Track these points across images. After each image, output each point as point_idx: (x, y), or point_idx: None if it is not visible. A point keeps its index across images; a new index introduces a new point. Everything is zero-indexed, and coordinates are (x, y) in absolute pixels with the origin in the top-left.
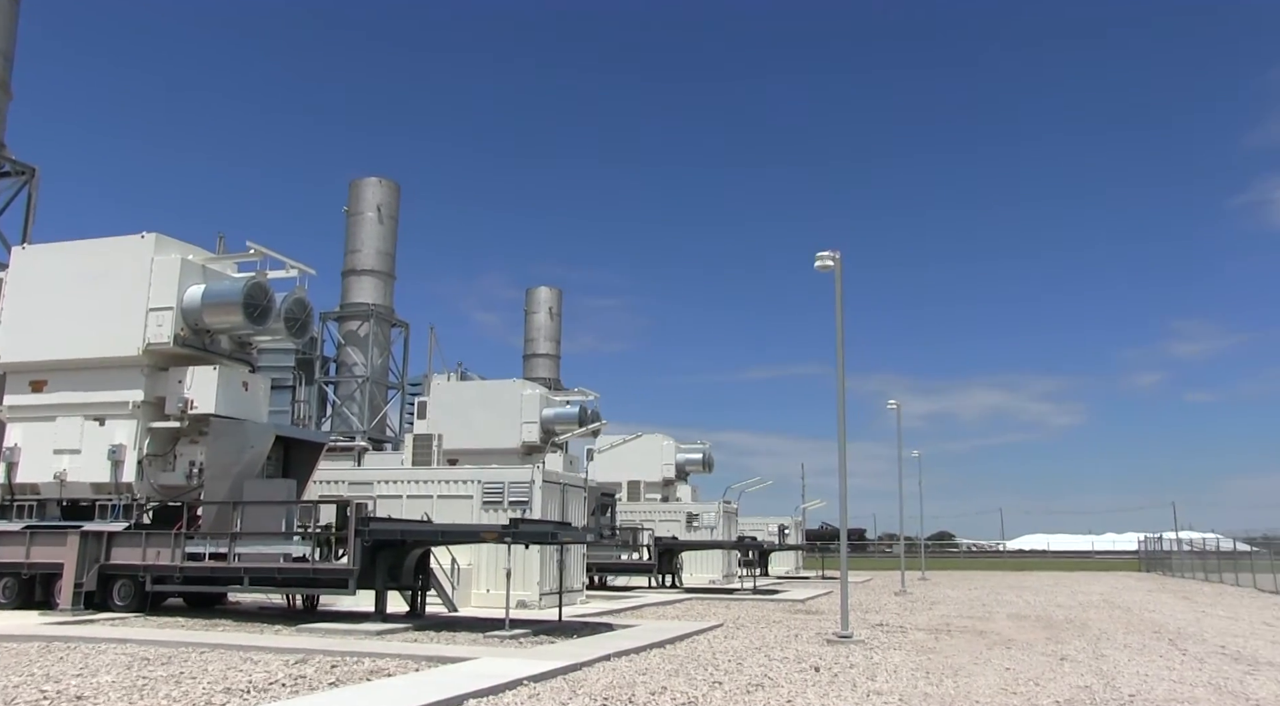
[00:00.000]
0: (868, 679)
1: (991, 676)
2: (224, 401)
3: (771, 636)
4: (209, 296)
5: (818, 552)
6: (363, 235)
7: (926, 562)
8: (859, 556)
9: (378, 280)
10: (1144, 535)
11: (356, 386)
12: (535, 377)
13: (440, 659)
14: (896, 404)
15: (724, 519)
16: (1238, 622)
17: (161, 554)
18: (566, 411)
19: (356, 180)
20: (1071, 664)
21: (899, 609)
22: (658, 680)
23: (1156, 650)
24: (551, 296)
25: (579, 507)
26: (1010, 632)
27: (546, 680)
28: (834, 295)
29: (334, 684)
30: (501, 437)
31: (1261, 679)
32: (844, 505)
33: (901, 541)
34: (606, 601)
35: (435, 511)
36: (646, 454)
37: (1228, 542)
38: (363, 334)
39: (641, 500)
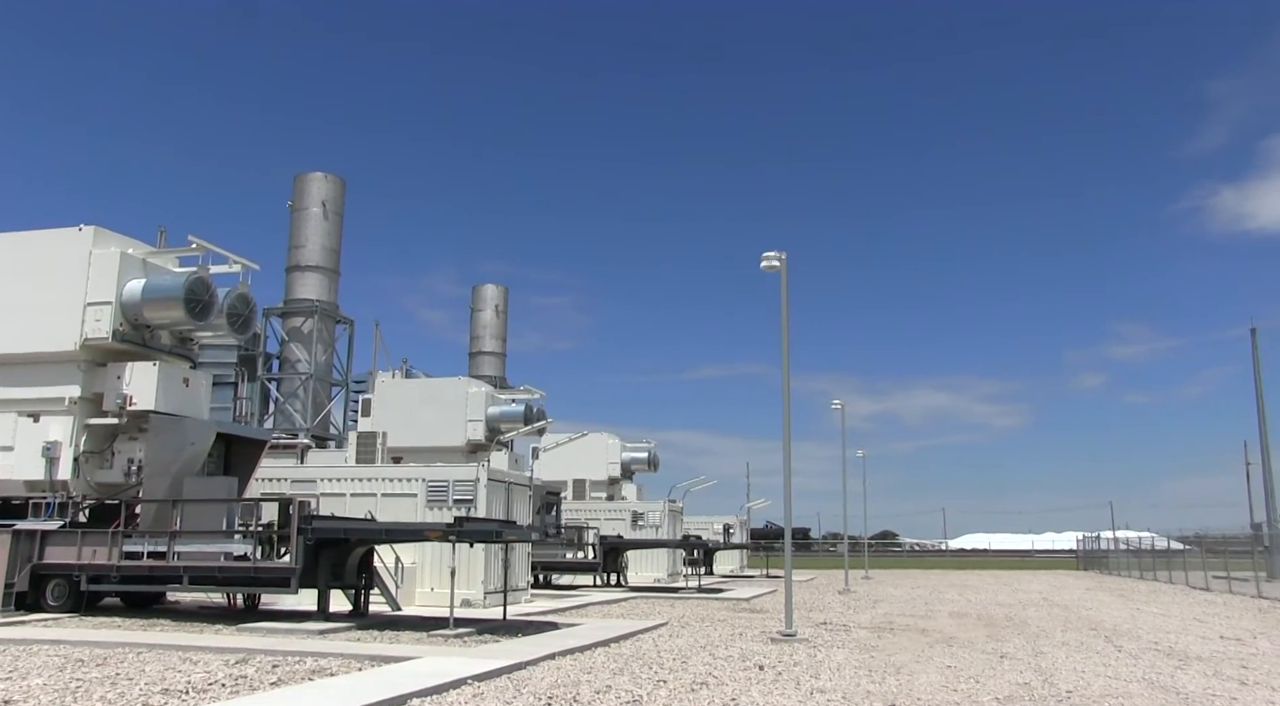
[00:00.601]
0: (811, 677)
1: (933, 674)
2: (164, 398)
3: (716, 635)
4: (149, 291)
5: (762, 551)
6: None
7: (870, 561)
8: (803, 555)
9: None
10: (1082, 534)
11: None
12: (481, 375)
13: (383, 658)
14: (841, 404)
15: (669, 518)
16: (1170, 619)
17: (98, 553)
18: (512, 410)
19: (301, 175)
20: (1011, 661)
21: (842, 607)
22: (602, 679)
23: (1093, 647)
24: (498, 294)
25: (524, 506)
26: (952, 630)
27: (490, 679)
28: (780, 295)
29: (275, 684)
30: (446, 436)
31: (1191, 673)
32: (788, 504)
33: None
34: (551, 600)
35: (379, 509)
36: (592, 452)
37: (1162, 542)
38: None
39: (587, 499)
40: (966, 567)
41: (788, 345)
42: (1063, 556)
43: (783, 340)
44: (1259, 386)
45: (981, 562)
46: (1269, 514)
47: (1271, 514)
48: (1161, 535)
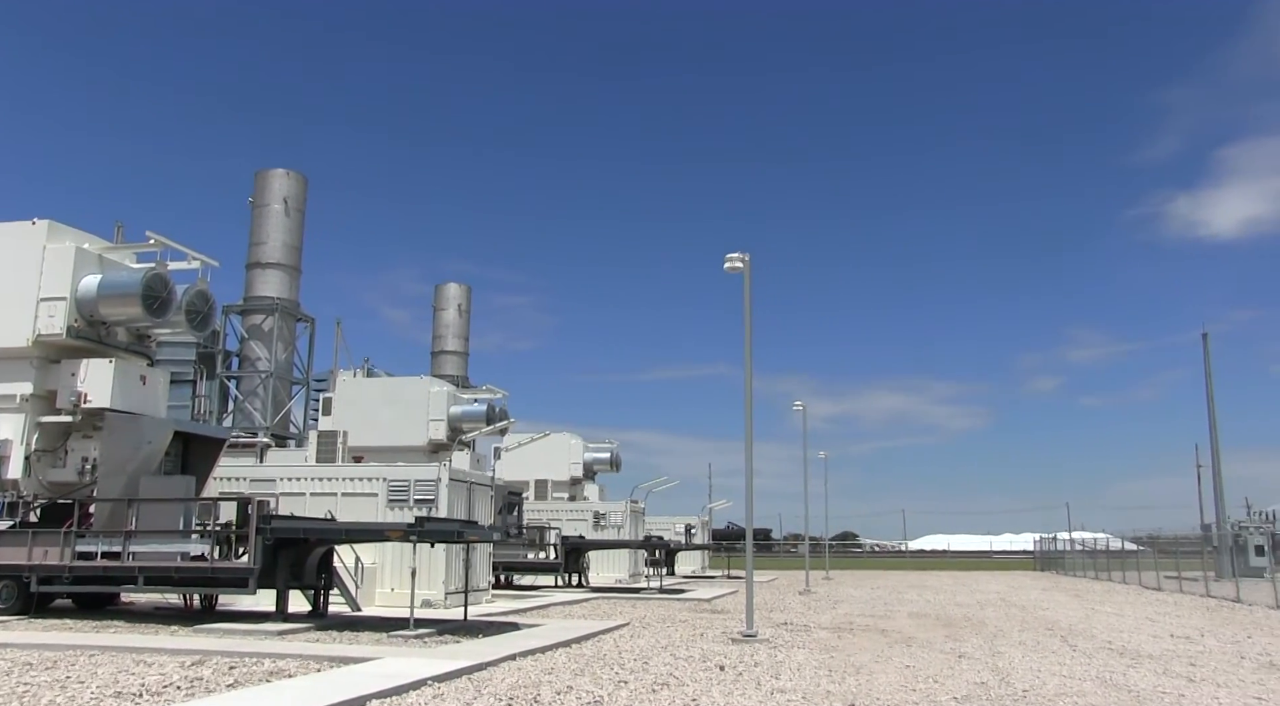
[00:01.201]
0: (772, 677)
1: (892, 674)
2: (120, 395)
3: (677, 635)
4: (105, 287)
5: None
6: (268, 227)
7: (831, 562)
8: (764, 556)
9: (283, 274)
10: (1039, 535)
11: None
12: (443, 375)
13: (342, 659)
14: (802, 405)
15: (631, 518)
16: (1123, 618)
17: (50, 553)
18: (474, 409)
19: (263, 171)
20: (969, 661)
21: (803, 608)
22: (563, 679)
23: (1049, 646)
24: (460, 293)
25: (486, 506)
26: (911, 631)
27: (451, 680)
28: (743, 296)
29: (232, 685)
30: (408, 435)
31: (1143, 671)
32: (750, 505)
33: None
34: (513, 600)
35: (339, 509)
36: (554, 453)
37: (1116, 542)
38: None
39: (549, 499)
40: (926, 568)
41: (750, 346)
42: (1020, 557)
43: (745, 341)
44: (1210, 391)
45: (940, 563)
46: (1218, 515)
47: (1220, 515)
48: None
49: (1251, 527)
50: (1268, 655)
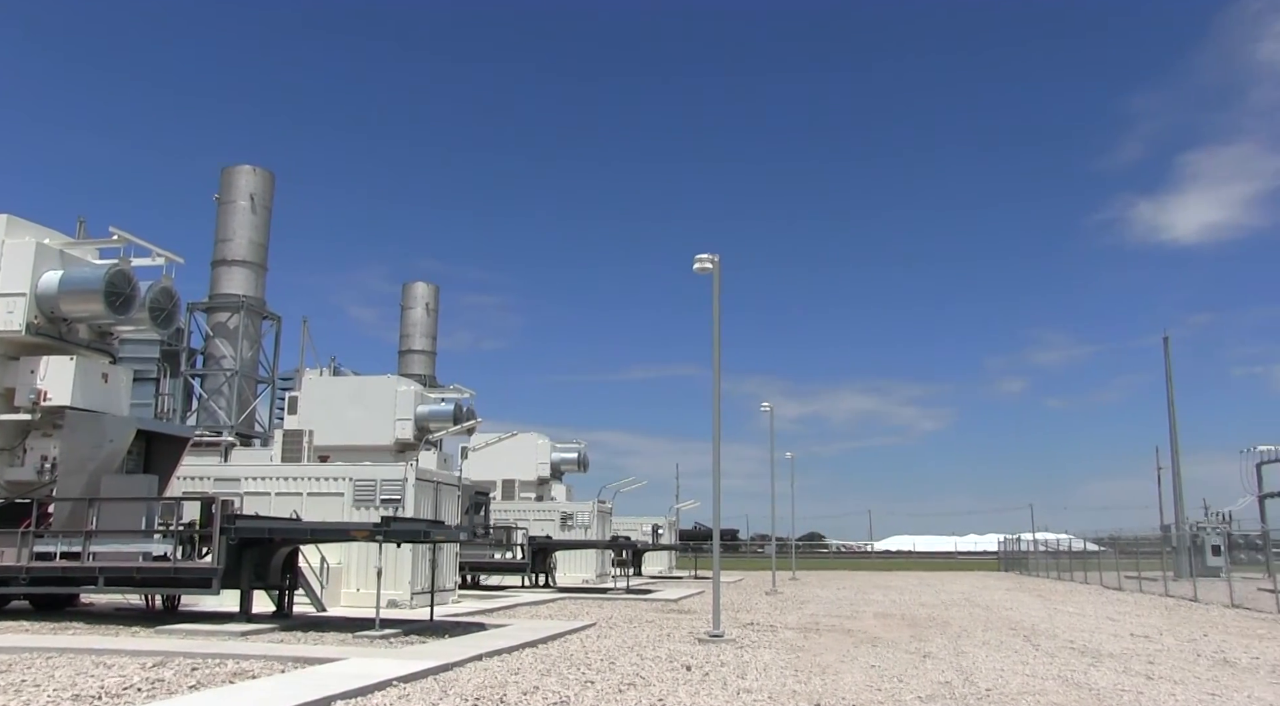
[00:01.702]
0: (738, 677)
1: (858, 673)
2: (81, 393)
3: (644, 636)
4: (67, 283)
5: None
6: (234, 224)
7: (797, 563)
8: (731, 557)
9: (249, 271)
10: (1003, 536)
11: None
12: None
13: (307, 660)
14: (770, 406)
15: (598, 518)
16: (1085, 618)
17: (6, 554)
18: (441, 409)
19: (229, 167)
20: (934, 661)
21: (769, 608)
22: (530, 680)
23: (1012, 646)
24: (429, 292)
25: (453, 506)
26: (876, 631)
27: (416, 680)
28: (712, 297)
29: (194, 687)
30: (374, 434)
31: (1103, 670)
32: (717, 505)
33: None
34: (479, 601)
35: (305, 509)
36: (522, 452)
37: (1079, 543)
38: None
39: (516, 499)
40: (892, 569)
41: (719, 347)
42: (985, 558)
43: (714, 342)
44: (1170, 393)
45: (906, 564)
46: (1177, 516)
47: (1179, 516)
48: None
49: (1209, 528)
50: (1222, 653)
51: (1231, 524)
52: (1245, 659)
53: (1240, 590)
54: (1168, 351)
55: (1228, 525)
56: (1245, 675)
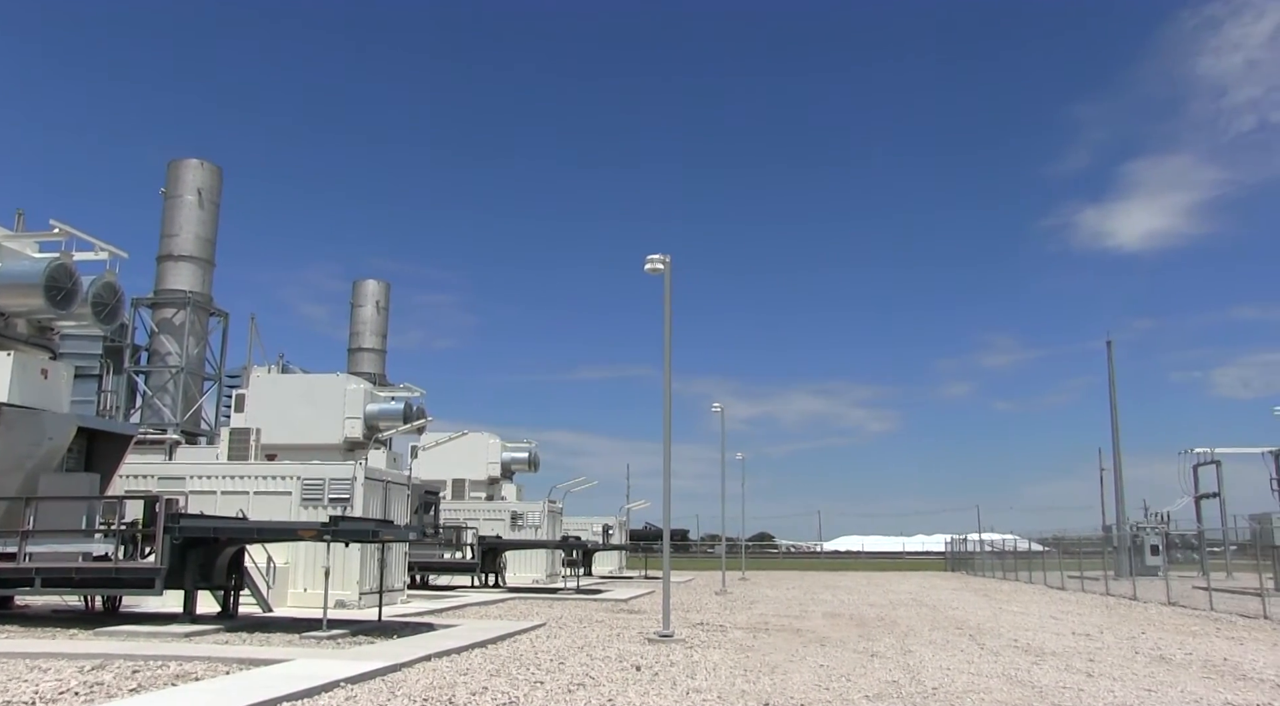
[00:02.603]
0: (688, 677)
1: (806, 673)
2: (19, 389)
3: (594, 636)
4: (5, 277)
5: (641, 552)
6: (181, 219)
7: (747, 563)
8: (681, 557)
9: (196, 266)
10: (950, 536)
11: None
12: (360, 372)
13: (252, 661)
14: (721, 407)
15: (548, 518)
16: (1029, 617)
17: None
18: (391, 407)
19: (175, 161)
20: (881, 660)
21: (719, 608)
22: (479, 680)
23: (958, 645)
24: (379, 290)
25: (402, 505)
26: (825, 630)
27: (364, 681)
28: (663, 298)
29: (135, 690)
30: (323, 433)
31: (1046, 668)
32: (667, 505)
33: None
34: (428, 601)
35: (252, 508)
36: (472, 452)
37: (1024, 543)
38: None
39: (466, 498)
40: (840, 569)
41: (669, 348)
42: (932, 558)
43: (665, 342)
44: (1113, 397)
45: (855, 564)
46: (1118, 517)
47: (1120, 517)
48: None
49: (1148, 528)
50: (1159, 650)
51: (1169, 524)
52: (1180, 655)
53: (1177, 588)
54: (1111, 356)
55: (1166, 525)
56: (1179, 671)
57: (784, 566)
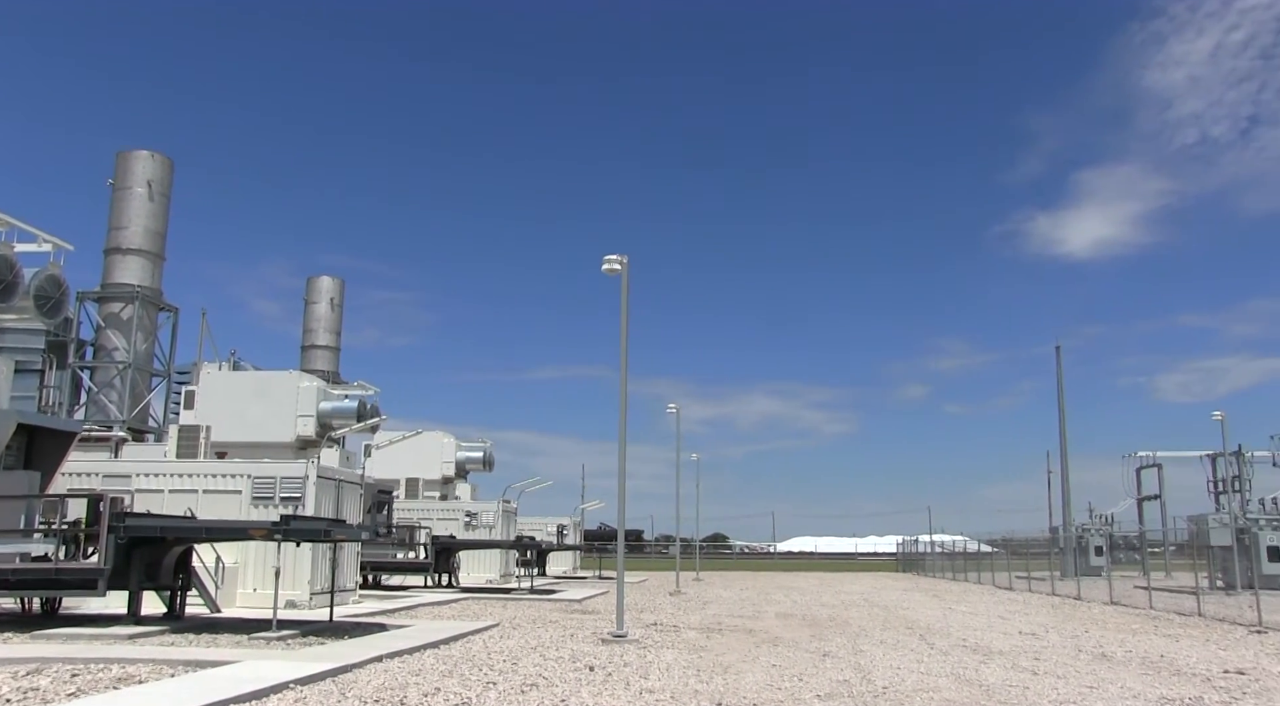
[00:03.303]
0: (641, 677)
1: (759, 673)
2: None
3: (547, 636)
4: None
5: (595, 553)
6: (130, 211)
7: (701, 563)
8: (636, 557)
9: (145, 260)
10: (902, 538)
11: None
12: (313, 370)
13: (199, 663)
14: (677, 408)
15: (503, 518)
16: (978, 617)
17: None
18: (344, 405)
19: (125, 152)
20: (833, 660)
21: (673, 608)
22: (431, 681)
23: (908, 645)
24: (334, 286)
25: (355, 504)
26: (778, 631)
27: (314, 682)
28: (620, 298)
29: (74, 695)
30: (275, 431)
31: (994, 666)
32: (622, 506)
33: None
34: (381, 601)
35: (200, 507)
36: (426, 451)
37: (974, 544)
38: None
39: (420, 498)
40: (794, 569)
41: (626, 347)
42: (884, 558)
43: (621, 343)
44: (1061, 401)
45: (808, 564)
46: (1064, 519)
47: (1066, 519)
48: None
49: (1093, 530)
50: (1101, 648)
51: (1113, 525)
52: (1120, 653)
53: (1119, 588)
54: (1059, 360)
55: (1110, 527)
56: (1120, 668)
57: (738, 567)
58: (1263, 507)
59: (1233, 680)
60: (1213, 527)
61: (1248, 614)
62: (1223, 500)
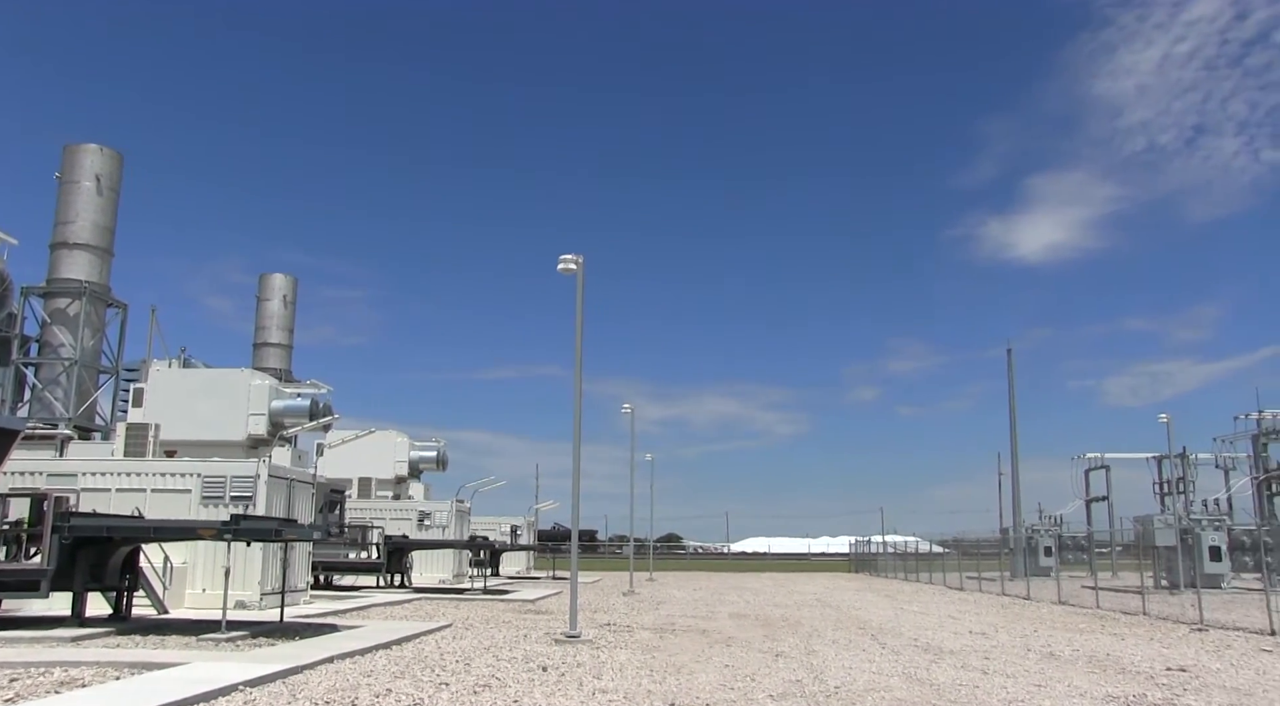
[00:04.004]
0: (594, 677)
1: (712, 673)
2: None
3: (500, 636)
4: None
5: (549, 553)
6: (77, 206)
7: (655, 564)
8: (590, 557)
9: (93, 255)
10: (854, 538)
11: (62, 369)
12: (265, 368)
13: (145, 664)
14: (631, 408)
15: (456, 518)
16: (929, 617)
17: None
18: (297, 404)
19: (73, 146)
20: (785, 659)
21: (627, 609)
22: (382, 682)
23: (860, 645)
24: (286, 284)
25: (307, 504)
26: (731, 631)
27: (264, 684)
28: (575, 298)
29: (12, 700)
30: (225, 429)
31: (944, 666)
32: (576, 506)
33: (631, 543)
34: (332, 601)
35: (149, 506)
36: (379, 450)
37: (925, 545)
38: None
39: (373, 497)
40: (747, 570)
41: (581, 348)
42: (837, 559)
43: (576, 343)
44: (1012, 403)
45: (761, 565)
46: (1015, 519)
47: (1017, 520)
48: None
49: (1042, 530)
50: (1049, 647)
51: (1062, 526)
52: (1068, 651)
53: (1067, 588)
54: (1011, 363)
55: (1059, 528)
56: (1067, 666)
57: (692, 567)
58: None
59: (1175, 677)
60: (1158, 528)
61: (1190, 612)
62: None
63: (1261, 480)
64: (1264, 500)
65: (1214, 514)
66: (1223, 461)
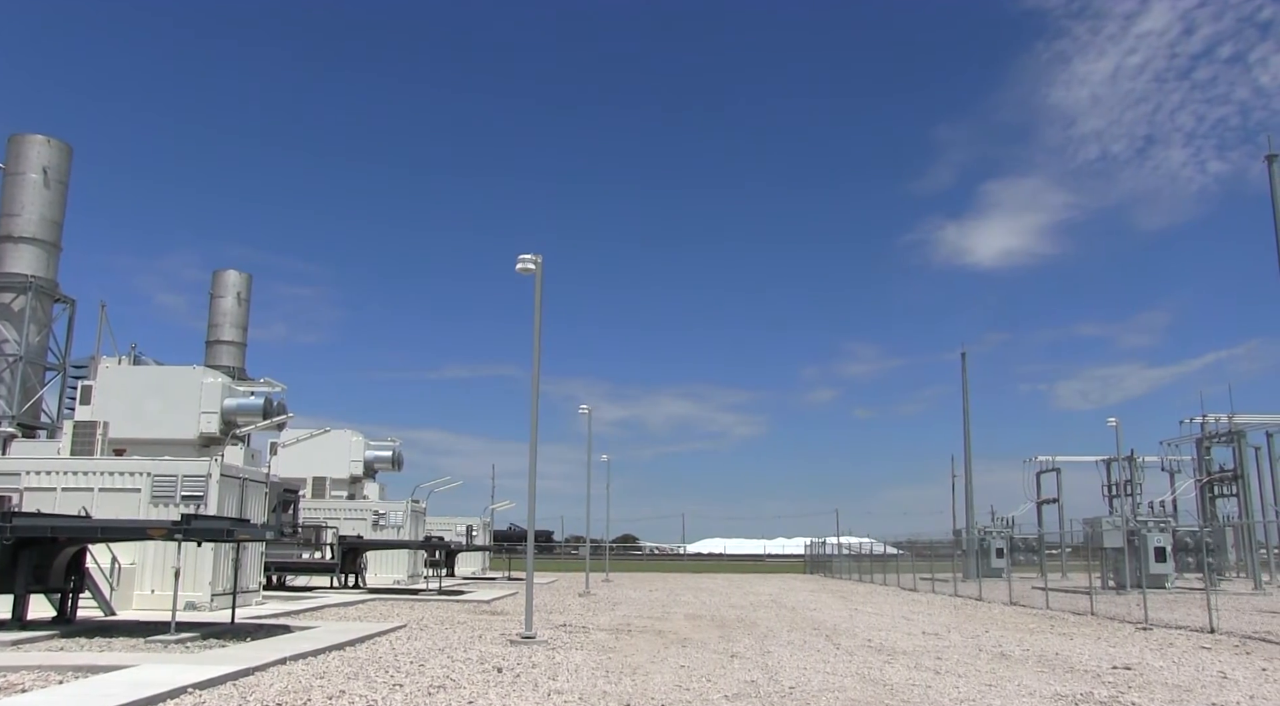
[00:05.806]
0: (549, 678)
1: (667, 674)
2: None
3: (455, 637)
4: None
5: (505, 553)
6: (23, 198)
7: (611, 564)
8: (545, 558)
9: (39, 250)
10: (810, 540)
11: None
12: (218, 365)
13: (90, 668)
14: (588, 409)
15: (411, 518)
16: (883, 618)
17: None
18: (250, 402)
19: (18, 136)
20: (740, 660)
21: (582, 609)
22: (336, 683)
23: (815, 645)
24: (240, 281)
25: (259, 503)
26: (686, 632)
27: (214, 686)
28: (534, 298)
29: None
30: (177, 427)
31: (897, 666)
32: (532, 507)
33: (587, 543)
34: (285, 602)
35: (96, 506)
36: (334, 450)
37: (880, 547)
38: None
39: (327, 497)
40: (703, 571)
41: (539, 348)
42: (793, 560)
43: (534, 343)
44: (966, 406)
45: (717, 566)
46: (967, 521)
47: (969, 521)
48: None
49: (994, 532)
50: (1000, 647)
51: (1014, 528)
52: (1018, 651)
53: (1018, 589)
54: (964, 366)
55: (1010, 529)
56: (1018, 666)
57: (648, 568)
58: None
59: (1120, 675)
60: (1106, 530)
61: (1136, 612)
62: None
63: (1204, 483)
64: (1206, 502)
65: (1159, 516)
66: (1168, 464)
